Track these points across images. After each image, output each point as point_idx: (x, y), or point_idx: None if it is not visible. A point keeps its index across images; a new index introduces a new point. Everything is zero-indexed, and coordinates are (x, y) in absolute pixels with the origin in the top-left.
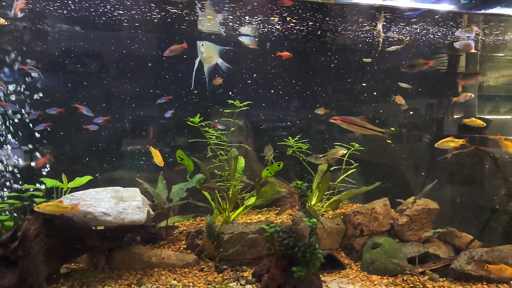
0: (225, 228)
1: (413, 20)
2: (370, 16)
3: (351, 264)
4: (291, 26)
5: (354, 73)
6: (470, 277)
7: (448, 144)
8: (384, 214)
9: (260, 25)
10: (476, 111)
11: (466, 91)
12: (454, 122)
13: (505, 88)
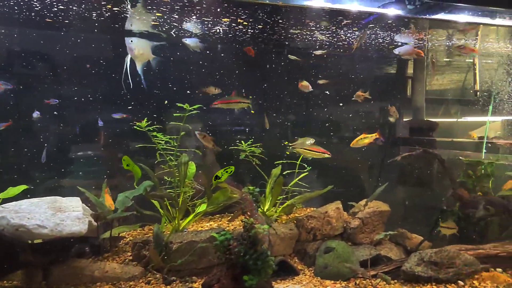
0: (173, 237)
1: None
2: (321, 18)
3: (305, 270)
4: (243, 28)
5: (307, 76)
6: (420, 279)
7: (363, 141)
8: (337, 218)
9: (209, 26)
10: (424, 114)
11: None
12: (405, 125)
13: (452, 92)
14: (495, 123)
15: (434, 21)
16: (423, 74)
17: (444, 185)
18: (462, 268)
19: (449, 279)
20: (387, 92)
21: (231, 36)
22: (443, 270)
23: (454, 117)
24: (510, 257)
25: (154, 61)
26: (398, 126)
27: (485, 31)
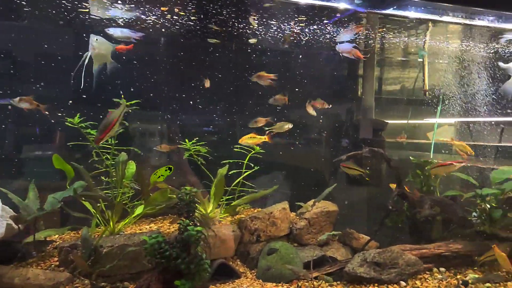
0: (104, 241)
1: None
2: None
3: (247, 272)
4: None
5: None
6: (362, 280)
7: (252, 140)
8: (283, 218)
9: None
10: (373, 114)
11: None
12: (355, 125)
13: (405, 92)
14: (449, 125)
15: (385, 18)
16: (373, 72)
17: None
18: (405, 269)
19: (392, 279)
20: (338, 92)
21: (169, 27)
22: (386, 270)
23: (405, 118)
24: (454, 256)
25: (111, 65)
26: (362, 127)
27: (436, 29)
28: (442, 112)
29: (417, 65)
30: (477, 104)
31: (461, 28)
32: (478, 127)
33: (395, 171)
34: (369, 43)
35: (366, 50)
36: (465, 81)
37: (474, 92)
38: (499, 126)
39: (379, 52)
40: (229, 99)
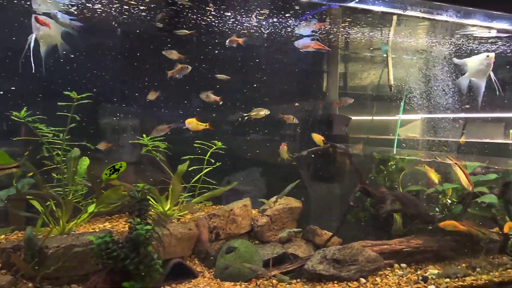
0: (51, 241)
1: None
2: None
3: (205, 272)
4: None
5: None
6: (322, 277)
7: (192, 125)
8: (244, 216)
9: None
10: (337, 109)
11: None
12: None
13: (370, 87)
14: (416, 121)
15: (348, 12)
16: (336, 68)
17: (355, 181)
18: (365, 265)
19: (351, 276)
20: (302, 88)
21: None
22: (346, 267)
23: (370, 114)
24: (415, 252)
25: (62, 46)
26: (325, 123)
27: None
28: (407, 108)
29: (382, 60)
30: (439, 100)
31: (424, 23)
32: (441, 123)
33: (356, 167)
34: (332, 38)
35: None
36: (428, 77)
37: (437, 88)
38: (461, 121)
39: (343, 47)
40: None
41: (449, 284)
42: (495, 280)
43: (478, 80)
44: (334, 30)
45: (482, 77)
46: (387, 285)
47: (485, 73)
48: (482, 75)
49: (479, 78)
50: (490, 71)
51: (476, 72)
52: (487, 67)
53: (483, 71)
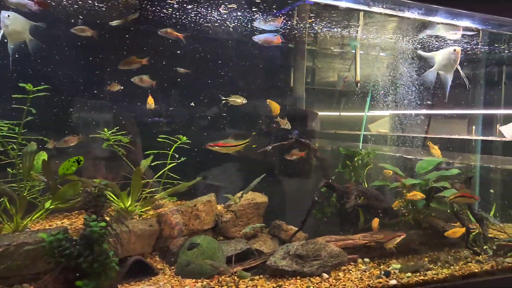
0: (1, 239)
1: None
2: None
3: (166, 269)
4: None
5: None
6: (284, 273)
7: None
8: (208, 211)
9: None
10: (304, 105)
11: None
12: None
13: (339, 83)
14: (385, 117)
15: (316, 7)
16: (303, 63)
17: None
18: (328, 260)
19: (314, 272)
20: (269, 82)
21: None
22: (308, 263)
23: (338, 110)
24: (379, 246)
25: (31, 43)
26: (292, 118)
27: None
28: (375, 104)
29: (351, 56)
30: (406, 96)
31: (391, 19)
32: (407, 119)
33: (321, 162)
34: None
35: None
36: (395, 73)
37: (403, 84)
38: (423, 118)
39: (311, 42)
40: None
41: (411, 279)
42: (455, 274)
43: (445, 73)
44: (301, 25)
45: (449, 71)
46: (349, 280)
47: (452, 66)
48: (449, 68)
49: (446, 71)
50: (457, 65)
51: (444, 66)
52: (454, 61)
53: (450, 64)
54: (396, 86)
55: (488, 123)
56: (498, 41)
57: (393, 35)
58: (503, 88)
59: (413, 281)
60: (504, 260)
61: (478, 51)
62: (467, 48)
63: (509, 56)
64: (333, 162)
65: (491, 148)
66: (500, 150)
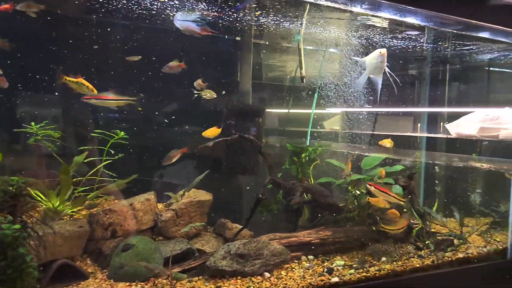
0: None
1: None
2: None
3: (97, 272)
4: None
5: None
6: (225, 273)
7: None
8: (146, 210)
9: None
10: (250, 98)
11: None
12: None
13: (288, 78)
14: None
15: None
16: (250, 56)
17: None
18: (270, 259)
19: (255, 271)
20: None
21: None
22: (250, 262)
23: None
24: (323, 243)
25: None
26: (237, 113)
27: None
28: (325, 101)
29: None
30: (354, 93)
31: (338, 14)
32: (356, 117)
33: (266, 158)
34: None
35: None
36: (343, 70)
37: (350, 81)
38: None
39: (258, 35)
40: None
41: (353, 276)
42: (397, 270)
43: (375, 76)
44: (247, 17)
45: (379, 74)
46: (291, 278)
47: (380, 69)
48: (378, 71)
49: (375, 74)
50: (384, 66)
51: (373, 69)
52: (381, 63)
53: (379, 67)
54: (344, 84)
55: (433, 121)
56: (442, 40)
57: (339, 29)
58: (446, 87)
59: (355, 278)
60: (444, 255)
61: (424, 50)
62: (412, 46)
63: (453, 54)
64: (282, 159)
65: (436, 145)
66: (443, 147)
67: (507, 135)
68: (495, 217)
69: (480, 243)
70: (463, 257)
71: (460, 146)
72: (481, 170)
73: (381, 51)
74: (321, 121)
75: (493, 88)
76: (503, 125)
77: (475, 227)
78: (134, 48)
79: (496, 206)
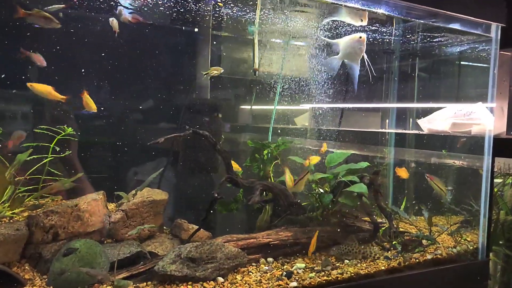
0: None
1: None
2: None
3: (36, 279)
4: None
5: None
6: (174, 278)
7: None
8: (93, 211)
9: None
10: (208, 93)
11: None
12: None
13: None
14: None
15: None
16: (208, 48)
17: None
18: (224, 263)
19: (207, 276)
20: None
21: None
22: (202, 266)
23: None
24: (284, 245)
25: None
26: (194, 108)
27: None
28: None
29: (264, 44)
30: (319, 88)
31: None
32: (323, 113)
33: (223, 155)
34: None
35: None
36: (307, 63)
37: (315, 76)
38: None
39: (216, 26)
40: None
41: (313, 280)
42: (361, 273)
43: (351, 62)
44: (205, 7)
45: (355, 60)
46: (246, 283)
47: (357, 55)
48: (354, 57)
49: (351, 60)
50: (363, 53)
51: (348, 54)
52: (360, 49)
53: (356, 52)
54: (308, 78)
55: (401, 117)
56: (411, 32)
57: (300, 20)
58: (415, 82)
59: (316, 282)
60: (412, 256)
61: (392, 42)
62: (379, 39)
63: (422, 47)
64: (244, 156)
65: (405, 141)
66: (413, 143)
67: (479, 130)
68: (466, 215)
69: (450, 243)
70: (432, 258)
71: (429, 142)
72: (453, 167)
73: (361, 36)
74: (290, 117)
75: (464, 83)
76: (475, 121)
77: (445, 226)
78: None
79: (467, 204)
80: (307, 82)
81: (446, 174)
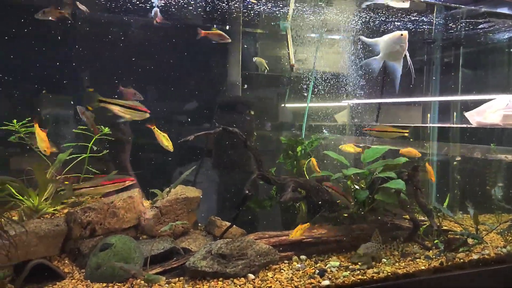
0: None
1: None
2: None
3: (75, 272)
4: None
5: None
6: (205, 274)
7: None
8: (128, 208)
9: None
10: (240, 90)
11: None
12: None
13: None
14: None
15: None
16: (238, 45)
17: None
18: (255, 259)
19: (238, 273)
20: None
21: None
22: (232, 263)
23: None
24: (318, 242)
25: None
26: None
27: None
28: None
29: (293, 39)
30: (358, 84)
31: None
32: (362, 109)
33: (253, 152)
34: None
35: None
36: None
37: (354, 71)
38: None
39: (248, 23)
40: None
41: (347, 279)
42: (398, 272)
43: (394, 62)
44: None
45: (397, 59)
46: (277, 281)
47: (400, 54)
48: (396, 56)
49: (394, 60)
50: (406, 51)
51: (390, 54)
52: (401, 48)
53: (398, 52)
54: (346, 74)
55: (445, 110)
56: (454, 20)
57: (335, 14)
58: (459, 72)
59: (349, 281)
60: (456, 256)
61: (433, 31)
62: (419, 28)
63: (466, 36)
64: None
65: (449, 135)
66: (458, 138)
67: None
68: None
69: (499, 242)
70: (478, 259)
71: (476, 135)
72: (504, 162)
73: (402, 33)
74: (330, 114)
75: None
76: None
77: (494, 224)
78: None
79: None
80: (346, 79)
81: (496, 169)
